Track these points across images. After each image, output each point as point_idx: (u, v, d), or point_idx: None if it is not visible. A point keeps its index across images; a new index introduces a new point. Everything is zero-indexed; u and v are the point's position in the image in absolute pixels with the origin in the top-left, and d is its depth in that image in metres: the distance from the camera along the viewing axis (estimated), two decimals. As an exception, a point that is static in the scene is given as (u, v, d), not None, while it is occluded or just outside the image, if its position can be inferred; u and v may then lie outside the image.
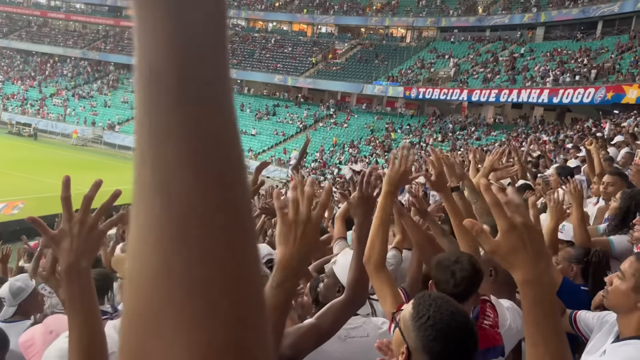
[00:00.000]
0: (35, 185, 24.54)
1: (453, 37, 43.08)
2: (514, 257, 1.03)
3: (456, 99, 36.60)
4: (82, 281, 1.29)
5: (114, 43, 53.46)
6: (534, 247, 1.03)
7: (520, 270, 1.04)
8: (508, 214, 1.03)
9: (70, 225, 1.31)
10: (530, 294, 1.04)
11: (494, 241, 1.04)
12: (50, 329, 2.09)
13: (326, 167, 33.07)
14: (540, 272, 1.03)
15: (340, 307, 2.04)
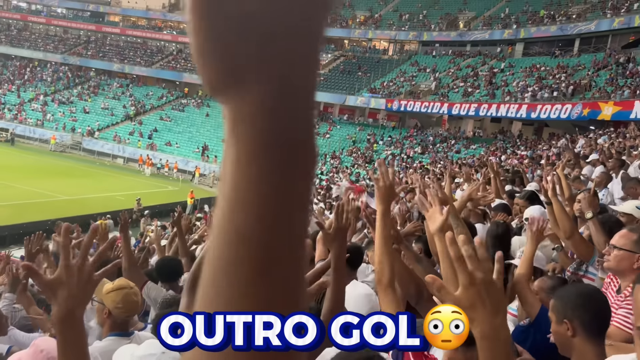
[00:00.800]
0: (11, 192, 24.10)
1: (434, 51, 43.66)
2: (472, 312, 1.05)
3: (437, 112, 37.04)
4: (76, 330, 1.29)
5: (95, 49, 52.95)
6: (492, 303, 1.05)
7: (478, 325, 1.06)
8: (469, 269, 1.05)
9: (68, 273, 1.28)
10: (486, 348, 1.06)
11: (454, 296, 1.06)
12: (40, 348, 2.08)
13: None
14: (497, 327, 1.06)
15: None
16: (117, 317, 2.68)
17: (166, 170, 36.71)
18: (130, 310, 2.70)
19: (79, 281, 1.27)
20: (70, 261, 1.28)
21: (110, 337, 2.68)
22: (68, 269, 1.27)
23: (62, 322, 1.27)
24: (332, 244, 2.08)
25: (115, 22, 56.40)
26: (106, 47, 53.51)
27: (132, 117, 43.95)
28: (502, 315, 1.07)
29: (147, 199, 25.28)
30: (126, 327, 2.73)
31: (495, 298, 1.06)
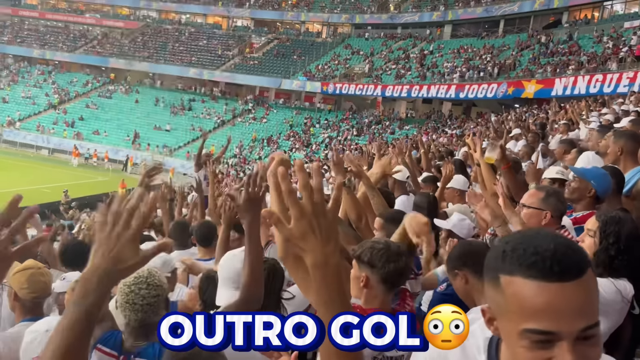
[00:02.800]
0: None
1: (367, 34, 44.10)
2: (303, 243, 1.07)
3: (371, 95, 37.58)
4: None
5: (13, 34, 49.62)
6: (323, 232, 1.07)
7: (309, 255, 1.08)
8: (300, 202, 1.07)
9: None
10: (319, 276, 1.08)
11: (287, 228, 1.07)
12: None
13: (246, 163, 32.78)
14: (327, 255, 1.08)
15: (237, 307, 2.07)
16: (25, 301, 2.53)
17: (95, 160, 35.21)
18: (37, 291, 2.55)
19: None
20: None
21: (21, 323, 2.53)
22: None
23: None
24: (244, 215, 2.08)
25: (33, 5, 52.98)
26: (24, 32, 50.25)
27: (56, 106, 41.70)
28: (332, 244, 1.09)
29: (75, 191, 24.19)
30: (39, 312, 2.59)
31: (326, 227, 1.08)
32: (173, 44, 46.83)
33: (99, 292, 1.11)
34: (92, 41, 48.71)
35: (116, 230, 1.11)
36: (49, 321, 2.26)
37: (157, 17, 50.96)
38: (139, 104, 42.32)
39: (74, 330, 1.09)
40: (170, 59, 44.86)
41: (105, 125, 39.03)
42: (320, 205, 1.07)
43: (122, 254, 1.11)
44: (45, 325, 2.18)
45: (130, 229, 1.12)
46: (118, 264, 1.12)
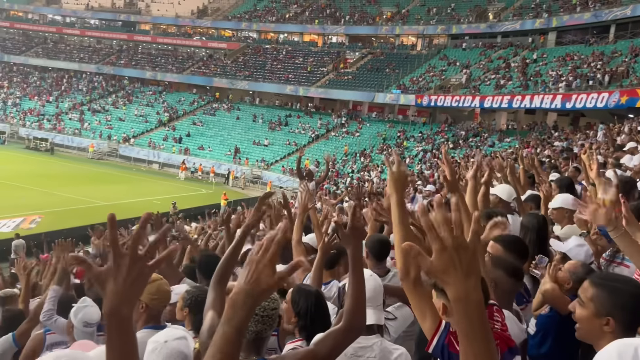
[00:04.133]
0: (52, 200, 24.95)
1: (464, 44, 43.04)
2: (445, 276, 1.11)
3: (468, 106, 36.50)
4: (123, 326, 1.23)
5: (128, 57, 54.26)
6: (463, 266, 1.10)
7: (451, 288, 1.11)
8: (440, 236, 1.10)
9: (117, 265, 1.21)
10: (460, 309, 1.11)
11: (429, 261, 1.11)
12: None
13: (339, 176, 33.13)
14: (469, 289, 1.10)
15: (338, 334, 2.08)
16: (153, 309, 2.76)
17: (200, 174, 37.32)
18: (165, 300, 2.79)
19: (128, 275, 1.20)
20: (121, 252, 1.21)
21: (144, 330, 2.76)
22: (117, 262, 1.21)
23: (109, 316, 1.21)
24: (348, 243, 2.11)
25: (146, 31, 57.67)
26: (138, 55, 54.76)
27: (166, 123, 44.85)
28: (474, 278, 1.11)
29: (182, 203, 25.76)
30: (159, 320, 2.81)
31: (466, 261, 1.10)
32: (271, 63, 48.69)
33: (245, 312, 1.24)
34: (198, 62, 51.97)
35: (253, 257, 1.25)
36: (168, 333, 2.36)
37: (257, 37, 53.32)
38: (239, 120, 44.37)
39: (229, 345, 1.24)
40: (269, 77, 46.64)
41: (209, 141, 41.32)
42: (461, 239, 1.10)
43: (261, 277, 1.23)
44: (164, 336, 2.29)
45: (267, 255, 1.24)
46: (258, 287, 1.23)
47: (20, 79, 54.36)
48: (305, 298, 2.59)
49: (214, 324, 2.24)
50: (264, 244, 1.25)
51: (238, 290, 1.24)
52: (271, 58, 49.48)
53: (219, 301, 2.36)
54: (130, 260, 1.21)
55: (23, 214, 21.32)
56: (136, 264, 1.21)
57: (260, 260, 1.24)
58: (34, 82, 53.72)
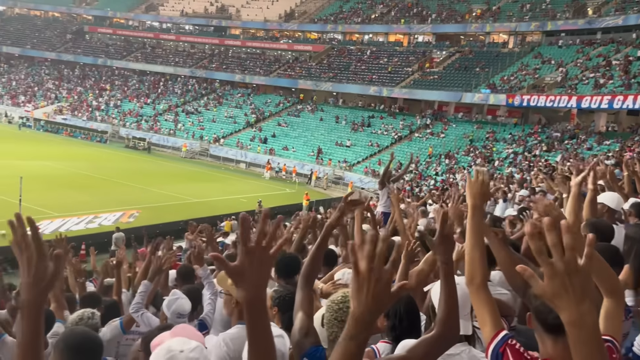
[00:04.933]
0: (149, 195, 26.55)
1: (560, 41, 40.71)
2: (558, 300, 1.12)
3: (564, 106, 34.48)
4: (262, 312, 1.36)
5: (219, 61, 56.60)
6: (576, 291, 1.10)
7: (564, 312, 1.11)
8: (552, 261, 1.10)
9: (249, 259, 1.31)
10: (575, 334, 1.11)
11: (541, 285, 1.12)
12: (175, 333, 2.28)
13: (422, 179, 32.52)
14: (583, 314, 1.10)
15: (431, 342, 2.08)
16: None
17: (284, 174, 38.15)
18: None
19: (260, 266, 1.32)
20: (250, 248, 1.32)
21: (238, 325, 2.85)
22: (250, 256, 1.32)
23: (250, 306, 1.33)
24: (438, 250, 2.10)
25: (236, 35, 59.89)
26: (228, 59, 56.98)
27: (253, 124, 46.31)
28: (587, 302, 1.10)
29: (267, 201, 26.45)
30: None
31: (579, 286, 1.10)
32: (355, 64, 48.78)
33: (367, 329, 1.28)
34: (284, 65, 53.20)
35: (374, 275, 1.24)
36: None
37: (342, 39, 53.65)
38: (322, 121, 44.86)
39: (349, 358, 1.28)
40: (352, 78, 46.75)
41: (293, 142, 42.15)
42: (573, 264, 1.09)
43: (381, 296, 1.25)
44: None
45: (385, 275, 1.25)
46: (381, 305, 1.26)
47: (121, 82, 58.44)
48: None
49: (304, 325, 2.32)
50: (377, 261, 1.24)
51: (361, 308, 1.25)
52: (355, 59, 49.58)
53: (307, 302, 2.43)
54: (258, 253, 1.32)
55: (122, 209, 22.85)
56: (263, 255, 1.33)
57: (378, 280, 1.24)
58: (133, 85, 57.54)
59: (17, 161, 30.12)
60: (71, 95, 56.00)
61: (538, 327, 1.84)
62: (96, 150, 41.32)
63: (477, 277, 2.15)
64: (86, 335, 2.51)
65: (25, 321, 1.42)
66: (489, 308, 2.13)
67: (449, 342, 2.14)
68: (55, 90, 57.50)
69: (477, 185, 2.29)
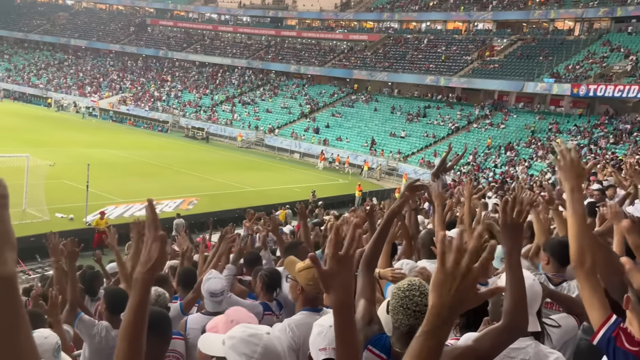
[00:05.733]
0: (207, 184, 27.27)
1: (630, 28, 38.46)
2: None
3: (634, 97, 32.62)
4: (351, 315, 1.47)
5: (275, 52, 57.15)
6: None
7: None
8: None
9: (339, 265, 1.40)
10: None
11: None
12: (231, 318, 2.32)
13: (480, 170, 31.70)
14: None
15: (499, 332, 2.04)
16: (309, 293, 2.86)
17: (337, 164, 38.19)
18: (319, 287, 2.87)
19: (348, 272, 1.40)
20: (341, 256, 1.39)
21: (302, 311, 2.88)
22: (341, 262, 1.39)
23: (340, 308, 1.41)
24: (504, 240, 2.04)
25: (292, 26, 60.23)
26: (284, 50, 57.43)
27: (307, 115, 46.55)
28: None
29: (320, 191, 26.60)
30: (316, 304, 2.90)
31: None
32: (412, 53, 47.99)
33: (448, 326, 1.24)
34: (339, 55, 53.06)
35: (461, 270, 1.20)
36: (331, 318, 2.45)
37: (399, 28, 52.89)
38: (377, 112, 44.50)
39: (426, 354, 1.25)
40: (409, 68, 46.05)
41: (347, 133, 42.07)
42: None
43: (466, 293, 1.21)
44: (329, 320, 2.35)
45: (473, 272, 1.20)
46: (462, 302, 1.22)
47: (181, 74, 60.11)
48: None
49: (367, 312, 2.33)
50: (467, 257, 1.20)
51: (441, 303, 1.22)
52: (412, 48, 48.77)
53: (369, 288, 2.45)
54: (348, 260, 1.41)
55: (182, 196, 23.59)
56: (350, 262, 1.42)
57: (465, 276, 1.20)
58: (192, 77, 59.06)
59: (84, 149, 31.69)
60: (134, 86, 58.17)
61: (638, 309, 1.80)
62: (158, 139, 42.79)
63: (587, 262, 2.08)
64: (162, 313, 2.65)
65: (137, 294, 1.50)
66: (598, 293, 2.07)
67: (517, 333, 2.09)
68: (119, 81, 59.90)
69: (569, 166, 2.20)
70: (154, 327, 2.42)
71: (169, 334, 2.60)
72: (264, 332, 1.90)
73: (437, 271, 1.22)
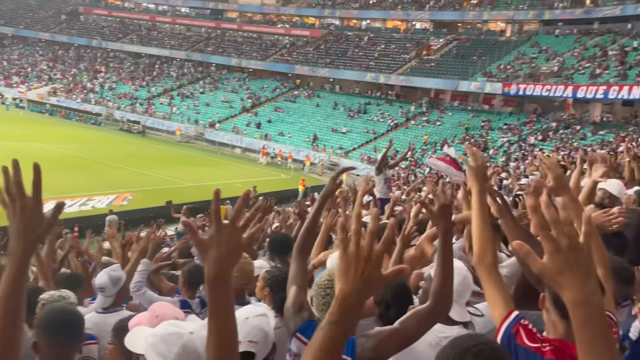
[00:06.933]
0: (143, 179, 26.46)
1: (557, 31, 40.61)
2: (561, 279, 1.04)
3: (560, 96, 34.50)
4: (225, 290, 1.31)
5: (215, 45, 56.15)
6: (581, 268, 1.03)
7: (568, 291, 1.04)
8: (554, 236, 1.02)
9: (219, 235, 1.29)
10: (580, 315, 1.03)
11: (541, 263, 1.04)
12: (156, 314, 2.26)
13: (417, 166, 32.57)
14: (589, 293, 1.03)
15: (424, 314, 2.09)
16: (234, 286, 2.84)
17: (279, 160, 38.09)
18: (246, 278, 2.87)
19: (227, 244, 1.29)
20: (222, 224, 1.29)
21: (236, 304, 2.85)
22: (219, 231, 1.29)
23: (211, 282, 1.30)
24: (438, 222, 2.08)
25: (233, 19, 59.34)
26: (225, 42, 56.51)
27: (249, 109, 46.10)
28: (592, 281, 1.04)
29: (262, 187, 26.42)
30: (242, 296, 2.90)
31: (583, 263, 1.03)
32: (353, 50, 48.51)
33: (354, 313, 1.17)
34: (281, 50, 52.83)
35: (363, 252, 1.15)
36: (249, 310, 2.38)
37: (340, 25, 53.28)
38: (319, 107, 44.72)
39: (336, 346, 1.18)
40: (350, 64, 46.53)
41: (289, 128, 42.03)
42: (576, 240, 1.04)
43: (372, 276, 1.16)
44: (246, 313, 2.30)
45: (377, 251, 1.16)
46: (368, 286, 1.16)
47: (116, 65, 57.91)
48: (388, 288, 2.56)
49: (297, 299, 2.31)
50: (370, 239, 1.15)
51: (347, 290, 1.15)
52: (353, 45, 49.30)
53: (300, 275, 2.42)
54: (230, 230, 1.29)
55: (116, 192, 22.79)
56: (235, 234, 1.30)
57: (369, 258, 1.15)
58: (128, 68, 57.04)
59: (9, 142, 29.93)
60: (65, 77, 55.49)
61: (554, 310, 1.76)
62: (90, 132, 41.05)
63: (487, 257, 2.08)
64: (66, 310, 2.53)
65: (12, 269, 1.35)
66: (500, 288, 2.06)
67: (441, 314, 2.14)
68: (49, 71, 56.96)
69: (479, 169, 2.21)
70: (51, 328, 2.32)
71: (71, 336, 2.43)
72: (187, 332, 1.85)
73: (340, 258, 1.18)
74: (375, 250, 1.16)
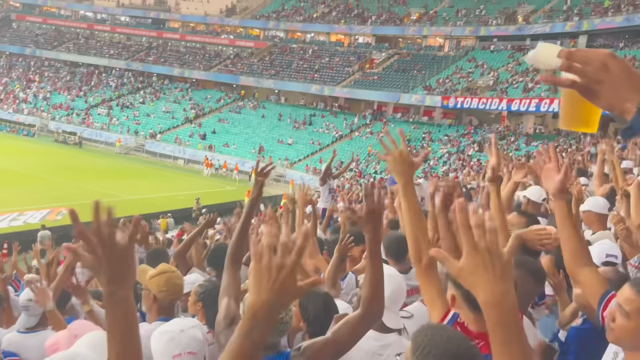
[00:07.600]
0: (79, 192, 25.37)
1: (492, 46, 42.48)
2: (474, 278, 1.04)
3: (495, 109, 36.01)
4: (120, 309, 1.26)
5: (157, 54, 54.98)
6: (495, 269, 1.03)
7: (481, 291, 1.04)
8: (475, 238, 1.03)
9: (95, 257, 1.24)
10: (493, 315, 1.04)
11: (456, 263, 1.04)
12: (74, 333, 2.16)
13: (361, 177, 33.00)
14: (502, 294, 1.03)
15: (356, 321, 2.06)
16: (163, 301, 2.75)
17: (224, 171, 37.59)
18: (174, 293, 2.77)
19: (109, 264, 1.23)
20: (95, 246, 1.24)
21: (157, 321, 2.76)
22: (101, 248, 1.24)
23: (106, 301, 1.28)
24: (365, 227, 2.01)
25: (175, 29, 58.36)
26: (167, 52, 55.44)
27: (192, 120, 45.31)
28: (507, 282, 1.04)
29: (205, 199, 25.99)
30: (172, 312, 2.80)
31: (500, 265, 1.03)
32: (297, 62, 48.79)
33: (267, 325, 1.14)
34: (225, 60, 52.39)
35: (275, 262, 1.13)
36: (181, 322, 2.34)
37: (284, 37, 53.50)
38: (264, 118, 44.58)
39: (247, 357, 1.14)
40: (295, 76, 46.74)
41: (234, 139, 41.61)
42: (495, 241, 1.04)
43: (285, 287, 1.12)
44: (179, 326, 2.26)
45: (290, 262, 1.13)
46: (283, 297, 1.13)
47: (52, 74, 55.56)
48: (314, 303, 2.54)
49: (229, 312, 2.24)
50: (283, 249, 1.13)
51: (259, 301, 1.13)
52: (297, 57, 49.58)
53: (233, 286, 2.36)
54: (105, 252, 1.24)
55: (50, 206, 21.76)
56: (113, 250, 1.24)
57: (282, 268, 1.12)
58: (64, 77, 54.85)
59: None
60: (-5, 86, 52.67)
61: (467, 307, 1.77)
62: (23, 144, 39.08)
63: (424, 257, 2.03)
64: None
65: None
66: (437, 288, 2.03)
67: (374, 320, 2.11)
68: (-22, 80, 53.91)
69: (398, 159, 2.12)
70: None
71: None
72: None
73: (252, 269, 1.15)
74: (289, 261, 1.12)
